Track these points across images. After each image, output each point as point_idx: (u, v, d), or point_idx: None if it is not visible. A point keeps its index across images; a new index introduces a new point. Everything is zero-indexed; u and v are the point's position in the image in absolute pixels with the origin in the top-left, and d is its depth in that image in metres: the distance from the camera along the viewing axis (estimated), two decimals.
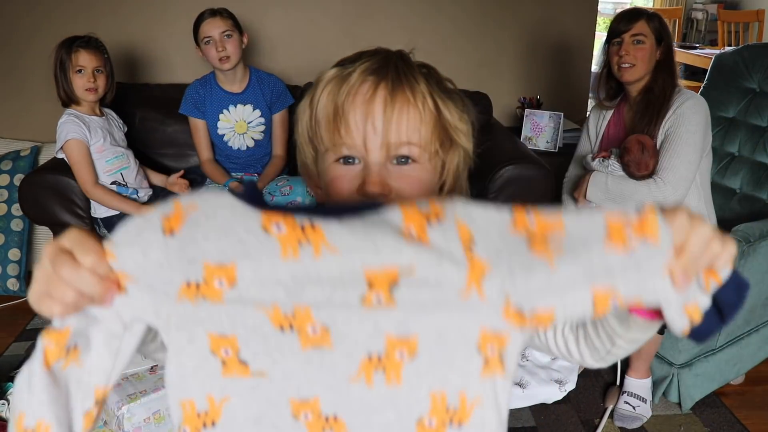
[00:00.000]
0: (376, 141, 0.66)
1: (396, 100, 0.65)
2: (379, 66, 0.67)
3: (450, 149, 0.71)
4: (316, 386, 0.51)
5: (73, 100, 2.12)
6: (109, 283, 0.50)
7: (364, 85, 0.66)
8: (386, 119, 0.65)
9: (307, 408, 0.51)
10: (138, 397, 1.61)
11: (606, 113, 2.11)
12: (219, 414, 0.51)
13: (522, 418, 1.94)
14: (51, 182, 2.15)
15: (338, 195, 0.68)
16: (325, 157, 0.69)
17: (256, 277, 0.49)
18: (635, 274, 0.49)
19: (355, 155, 0.67)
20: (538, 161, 2.33)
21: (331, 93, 0.67)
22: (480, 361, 0.50)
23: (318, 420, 0.51)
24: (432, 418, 0.50)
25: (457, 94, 0.72)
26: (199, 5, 2.38)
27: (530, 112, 2.97)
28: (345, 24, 2.98)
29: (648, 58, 1.92)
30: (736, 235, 1.87)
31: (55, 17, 2.78)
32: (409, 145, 0.67)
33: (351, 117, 0.66)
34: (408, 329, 0.50)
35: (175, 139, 2.63)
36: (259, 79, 2.46)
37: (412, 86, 0.66)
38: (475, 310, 0.49)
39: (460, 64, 3.11)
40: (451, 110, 0.69)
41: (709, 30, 5.64)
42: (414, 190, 0.67)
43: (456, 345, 0.50)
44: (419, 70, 0.69)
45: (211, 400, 0.51)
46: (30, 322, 2.45)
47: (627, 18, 1.94)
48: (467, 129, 0.72)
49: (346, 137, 0.66)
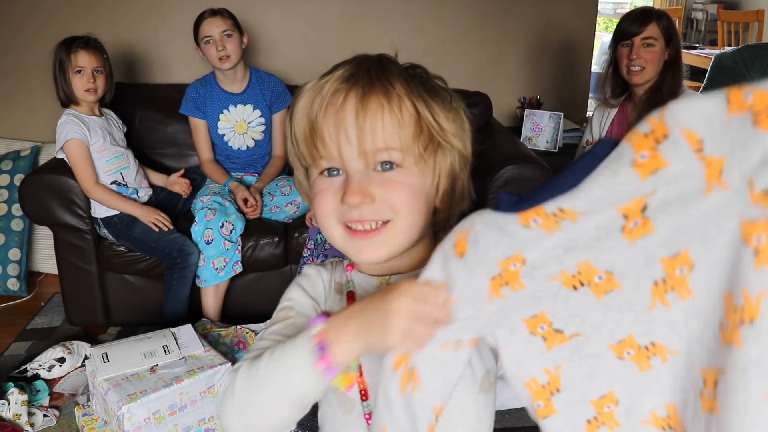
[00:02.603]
0: (352, 150, 0.65)
1: (368, 107, 0.64)
2: (350, 73, 0.66)
3: (438, 150, 0.68)
4: (624, 325, 0.56)
5: (72, 100, 2.13)
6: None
7: (336, 95, 0.65)
8: (359, 127, 0.64)
9: (627, 346, 0.57)
10: (138, 396, 1.61)
11: (610, 111, 2.10)
12: (559, 381, 0.60)
13: (522, 418, 1.93)
14: (51, 182, 2.15)
15: (322, 208, 0.68)
16: (311, 172, 0.70)
17: (538, 256, 0.58)
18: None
19: (337, 166, 0.67)
20: (538, 161, 2.33)
21: (304, 107, 0.67)
22: (750, 253, 0.49)
23: (640, 351, 0.56)
24: (728, 322, 0.51)
25: (446, 92, 0.70)
26: (198, 6, 2.39)
27: (530, 112, 2.97)
28: (345, 24, 2.98)
29: (657, 61, 1.91)
30: None
31: (55, 17, 2.78)
32: (388, 151, 0.65)
33: (325, 129, 0.65)
34: (676, 247, 0.53)
35: (175, 139, 2.63)
36: (260, 80, 2.46)
37: (386, 90, 0.65)
38: (725, 204, 0.50)
39: (460, 64, 3.11)
40: (435, 111, 0.67)
41: (708, 30, 5.65)
42: (402, 195, 0.66)
43: (723, 245, 0.51)
44: (399, 72, 0.67)
45: (548, 372, 0.60)
46: (30, 322, 2.45)
47: (638, 20, 1.92)
48: (456, 128, 0.69)
49: (323, 150, 0.66)
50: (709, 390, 0.53)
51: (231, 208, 2.23)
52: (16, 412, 1.80)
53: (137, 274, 2.28)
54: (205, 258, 2.16)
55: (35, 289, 2.72)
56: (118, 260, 2.24)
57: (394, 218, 0.67)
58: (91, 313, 2.31)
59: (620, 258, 0.55)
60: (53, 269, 2.60)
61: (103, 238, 2.24)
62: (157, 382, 1.67)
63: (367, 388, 0.72)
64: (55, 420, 1.87)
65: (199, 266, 2.17)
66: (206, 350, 1.81)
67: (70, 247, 2.22)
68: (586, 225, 0.55)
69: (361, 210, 0.65)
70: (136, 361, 1.73)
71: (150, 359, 1.75)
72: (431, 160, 0.68)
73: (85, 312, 2.31)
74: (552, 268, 0.58)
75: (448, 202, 0.72)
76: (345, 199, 0.65)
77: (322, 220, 0.69)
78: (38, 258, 2.81)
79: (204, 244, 2.15)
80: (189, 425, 1.72)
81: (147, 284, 2.30)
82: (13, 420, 1.79)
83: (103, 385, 1.67)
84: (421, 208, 0.68)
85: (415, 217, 0.68)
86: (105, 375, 1.69)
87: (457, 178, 0.72)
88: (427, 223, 0.71)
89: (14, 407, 1.80)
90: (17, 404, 1.80)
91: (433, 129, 0.67)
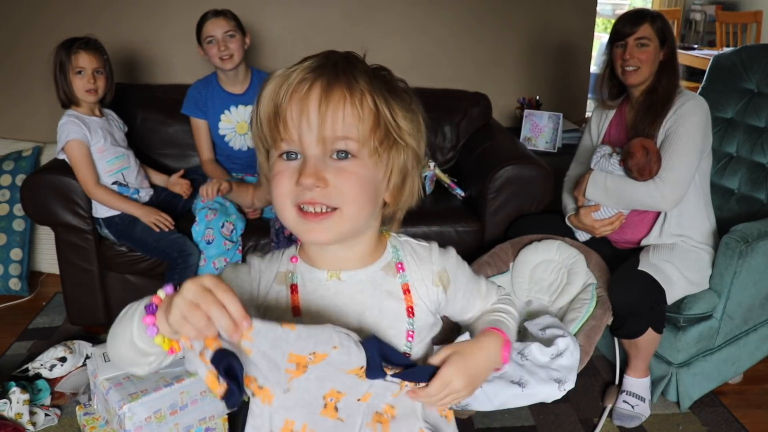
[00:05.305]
0: (312, 136, 0.69)
1: (331, 97, 0.68)
2: (318, 65, 0.70)
3: (393, 147, 0.73)
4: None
5: (73, 101, 2.13)
6: (236, 328, 0.61)
7: (302, 83, 0.69)
8: (320, 115, 0.68)
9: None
10: (139, 396, 1.62)
11: (608, 113, 2.11)
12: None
13: (521, 417, 1.94)
14: (52, 182, 2.16)
15: (278, 189, 0.72)
16: (271, 154, 0.74)
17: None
18: None
19: (295, 150, 0.71)
20: (538, 161, 2.34)
21: (271, 92, 0.71)
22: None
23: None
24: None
25: (407, 94, 0.75)
26: (200, 7, 2.40)
27: (529, 112, 2.98)
28: (346, 26, 2.99)
29: (652, 61, 1.92)
30: (735, 235, 1.88)
31: (57, 19, 2.79)
32: (345, 140, 0.69)
33: (288, 114, 0.70)
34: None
35: (176, 140, 2.64)
36: (261, 80, 2.46)
37: (350, 84, 0.69)
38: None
39: (459, 64, 3.12)
40: (394, 109, 0.72)
41: (707, 31, 5.65)
42: (353, 184, 0.70)
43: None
44: (364, 70, 0.71)
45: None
46: (31, 322, 2.46)
47: (631, 21, 1.94)
48: (412, 128, 0.74)
49: (284, 133, 0.70)
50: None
51: (231, 208, 2.24)
52: (17, 411, 1.81)
53: (138, 274, 2.29)
54: (205, 258, 2.16)
55: (37, 289, 2.72)
56: (119, 260, 2.25)
57: (342, 205, 0.71)
58: (92, 312, 2.32)
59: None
60: (55, 269, 2.61)
61: (104, 238, 2.24)
62: (158, 381, 1.67)
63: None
64: (56, 419, 1.87)
65: (200, 266, 2.17)
66: None
67: (71, 247, 2.23)
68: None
69: (313, 193, 0.70)
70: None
71: None
72: (385, 154, 0.73)
73: (87, 311, 2.32)
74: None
75: (397, 197, 0.77)
76: (300, 181, 0.69)
77: (278, 200, 0.73)
78: (40, 258, 2.82)
79: (205, 244, 2.15)
80: (190, 424, 1.72)
81: (148, 284, 2.31)
82: (15, 419, 1.80)
83: (105, 385, 1.68)
84: (369, 199, 0.73)
85: (363, 207, 0.73)
86: (106, 374, 1.69)
87: (408, 175, 0.76)
88: (374, 215, 0.76)
89: (16, 406, 1.81)
90: (19, 403, 1.81)
91: (390, 126, 0.72)
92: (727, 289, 1.92)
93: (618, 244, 2.08)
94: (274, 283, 0.79)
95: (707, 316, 1.93)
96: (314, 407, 0.73)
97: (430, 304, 0.81)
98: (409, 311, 0.79)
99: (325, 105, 0.68)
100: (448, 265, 0.84)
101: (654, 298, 1.79)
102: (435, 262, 0.83)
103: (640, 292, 1.78)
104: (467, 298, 0.88)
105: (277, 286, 0.78)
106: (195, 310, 0.59)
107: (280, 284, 0.78)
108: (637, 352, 1.90)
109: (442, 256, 0.84)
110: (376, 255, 0.80)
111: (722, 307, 1.94)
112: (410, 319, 0.79)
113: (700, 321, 1.93)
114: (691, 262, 1.90)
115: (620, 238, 2.05)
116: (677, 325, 1.93)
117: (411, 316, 0.79)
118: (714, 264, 1.93)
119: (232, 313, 0.60)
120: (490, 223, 2.33)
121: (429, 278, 0.82)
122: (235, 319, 0.60)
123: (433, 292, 0.81)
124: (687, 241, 1.93)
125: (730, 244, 1.88)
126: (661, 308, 1.82)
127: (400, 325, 0.78)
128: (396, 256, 0.81)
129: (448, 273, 0.83)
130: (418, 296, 0.80)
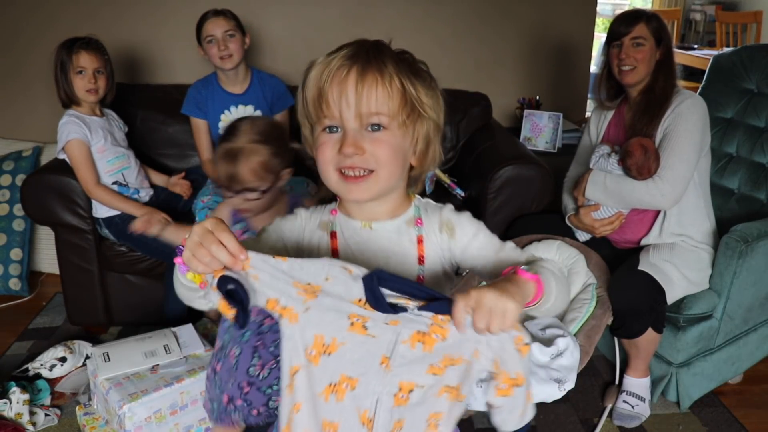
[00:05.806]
0: (350, 112, 0.83)
1: (366, 80, 0.82)
2: (353, 53, 0.84)
3: (418, 119, 0.87)
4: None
5: (73, 101, 2.13)
6: (234, 260, 0.75)
7: (341, 69, 0.83)
8: (357, 95, 0.82)
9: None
10: (139, 396, 1.62)
11: (607, 114, 2.12)
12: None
13: None
14: (53, 182, 2.16)
15: (323, 156, 0.86)
16: (316, 129, 0.88)
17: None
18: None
19: (336, 125, 0.85)
20: (538, 161, 2.34)
21: (315, 77, 0.85)
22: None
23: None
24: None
25: (428, 74, 0.89)
26: (200, 7, 2.40)
27: (529, 112, 2.98)
28: (345, 25, 2.99)
29: (648, 60, 1.93)
30: (735, 235, 1.88)
31: (57, 18, 2.79)
32: (378, 115, 0.83)
33: (330, 95, 0.83)
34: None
35: (176, 140, 2.64)
36: (261, 80, 2.47)
37: (380, 68, 0.82)
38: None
39: (459, 64, 3.12)
40: (417, 87, 0.85)
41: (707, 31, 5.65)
42: (385, 151, 0.85)
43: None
44: (390, 56, 0.85)
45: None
46: (31, 322, 2.46)
47: (626, 21, 1.95)
48: (433, 103, 0.88)
49: (326, 111, 0.84)
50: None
51: None
52: (18, 411, 1.81)
53: (138, 273, 2.29)
54: None
55: (37, 289, 2.73)
56: (119, 260, 2.25)
57: (377, 169, 0.85)
58: (92, 312, 2.32)
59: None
60: (55, 269, 2.61)
61: (104, 238, 2.24)
62: (158, 381, 1.67)
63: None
64: (56, 419, 1.87)
65: None
66: (207, 350, 1.82)
67: (71, 247, 2.23)
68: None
69: (353, 159, 0.84)
70: (137, 361, 1.74)
71: (151, 359, 1.75)
72: (411, 126, 0.87)
73: (87, 311, 2.32)
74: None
75: (422, 161, 0.92)
76: (342, 150, 0.83)
77: (323, 166, 0.87)
78: (40, 258, 2.82)
79: None
80: (190, 424, 1.73)
81: (148, 284, 2.31)
82: (15, 419, 1.80)
83: (105, 385, 1.68)
84: (399, 163, 0.87)
85: (394, 170, 0.87)
86: (106, 374, 1.70)
87: (431, 142, 0.91)
88: (403, 176, 0.91)
89: (16, 406, 1.81)
90: (19, 403, 1.81)
91: (415, 101, 0.85)
92: (727, 289, 1.92)
93: (618, 243, 2.08)
94: (318, 229, 0.94)
95: (707, 316, 1.93)
96: (340, 324, 0.81)
97: (440, 252, 0.93)
98: (420, 259, 0.92)
99: (361, 86, 0.81)
100: (454, 217, 0.95)
101: (654, 297, 1.79)
102: (443, 215, 0.95)
103: (640, 291, 1.79)
104: (487, 249, 0.94)
105: (319, 232, 0.93)
106: (200, 248, 0.74)
107: (323, 231, 0.93)
108: (637, 352, 1.90)
109: (450, 212, 0.96)
110: (401, 210, 0.94)
111: (722, 307, 1.94)
112: (421, 266, 0.92)
113: (700, 321, 1.93)
114: (691, 262, 1.90)
115: (620, 238, 2.05)
116: (677, 325, 1.93)
117: (422, 264, 0.92)
118: (714, 264, 1.94)
119: (229, 248, 0.74)
120: (490, 223, 2.31)
121: (436, 227, 0.94)
122: (232, 252, 0.74)
123: (440, 239, 0.93)
124: (687, 241, 1.93)
125: (730, 244, 1.88)
126: (661, 308, 1.83)
127: (413, 270, 0.92)
128: (417, 212, 0.95)
129: (452, 222, 0.94)
130: (430, 246, 0.93)
